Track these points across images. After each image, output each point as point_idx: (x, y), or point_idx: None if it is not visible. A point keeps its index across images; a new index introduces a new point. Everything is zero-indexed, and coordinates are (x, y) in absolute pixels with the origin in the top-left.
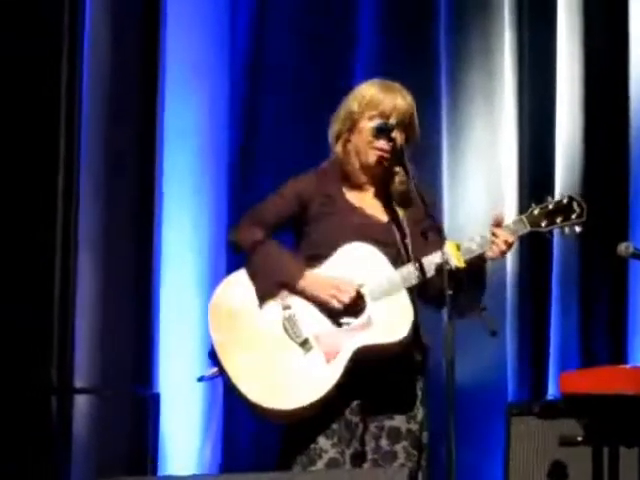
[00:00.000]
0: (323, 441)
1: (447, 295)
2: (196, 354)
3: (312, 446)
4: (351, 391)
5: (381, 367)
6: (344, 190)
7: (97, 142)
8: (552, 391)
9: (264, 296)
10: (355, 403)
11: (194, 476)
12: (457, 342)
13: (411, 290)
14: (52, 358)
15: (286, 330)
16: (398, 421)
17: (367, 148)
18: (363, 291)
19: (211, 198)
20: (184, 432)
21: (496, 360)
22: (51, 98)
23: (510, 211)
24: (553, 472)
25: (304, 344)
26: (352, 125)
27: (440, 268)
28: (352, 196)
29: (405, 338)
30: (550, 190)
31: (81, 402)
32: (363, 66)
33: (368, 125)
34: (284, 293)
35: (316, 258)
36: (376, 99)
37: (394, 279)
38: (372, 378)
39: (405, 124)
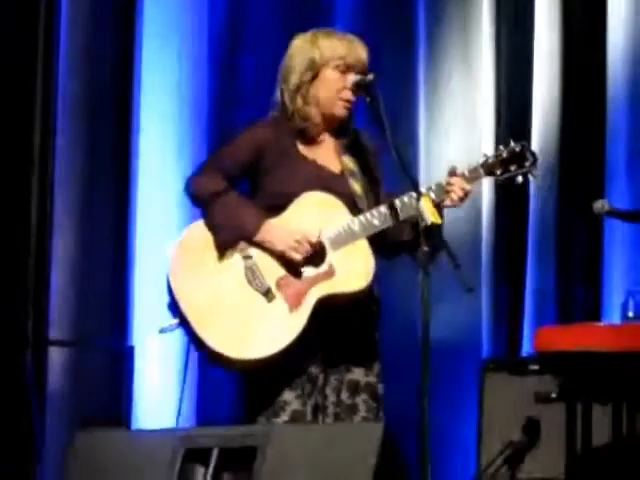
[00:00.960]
0: (287, 393)
1: (424, 252)
2: None
3: (277, 399)
4: (312, 342)
5: (341, 318)
6: (297, 142)
7: (74, 100)
8: (527, 348)
9: (224, 246)
10: (317, 355)
11: (169, 429)
12: (432, 298)
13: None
14: (27, 310)
15: (248, 280)
16: (357, 374)
17: (334, 99)
18: (323, 240)
19: (190, 154)
20: (159, 385)
21: (471, 317)
22: (27, 55)
23: None
24: (527, 428)
25: (267, 294)
26: (314, 75)
27: (415, 223)
28: (304, 148)
29: (366, 287)
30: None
31: (56, 354)
32: (342, 21)
33: (341, 77)
34: (244, 244)
35: (270, 209)
36: (340, 50)
37: (353, 227)
38: (332, 329)
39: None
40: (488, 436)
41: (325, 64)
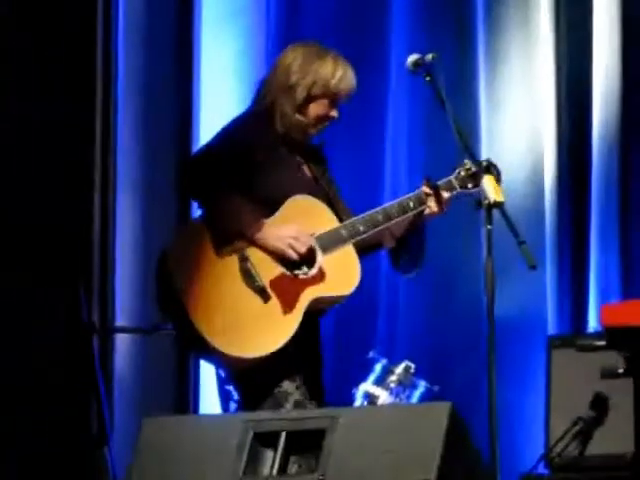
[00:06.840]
0: (287, 384)
1: (487, 230)
2: None
3: (276, 390)
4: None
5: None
6: (280, 143)
7: (134, 81)
8: (593, 323)
9: (221, 244)
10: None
11: (236, 414)
12: (497, 275)
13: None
14: (93, 297)
15: (244, 279)
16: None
17: (322, 121)
18: (313, 243)
19: None
20: None
21: (536, 293)
22: (87, 45)
23: (549, 143)
24: (595, 404)
25: (262, 293)
26: (323, 95)
27: (479, 203)
28: (286, 152)
29: (353, 292)
30: (588, 119)
31: (122, 341)
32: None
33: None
34: (241, 243)
35: (264, 208)
36: (346, 83)
37: (341, 232)
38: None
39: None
40: (556, 413)
41: (337, 92)
